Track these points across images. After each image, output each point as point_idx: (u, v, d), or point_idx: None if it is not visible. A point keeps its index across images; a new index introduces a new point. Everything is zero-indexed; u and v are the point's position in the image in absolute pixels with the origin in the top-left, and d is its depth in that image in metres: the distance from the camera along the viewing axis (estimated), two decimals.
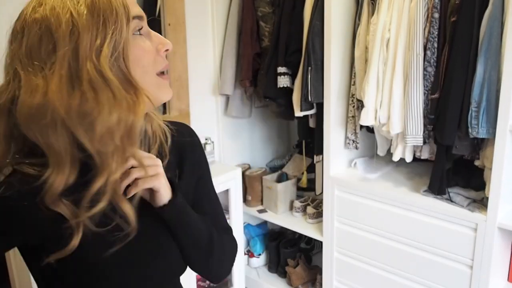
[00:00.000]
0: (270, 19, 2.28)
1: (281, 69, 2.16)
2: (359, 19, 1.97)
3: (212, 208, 0.97)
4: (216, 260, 0.93)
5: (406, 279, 1.97)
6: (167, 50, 0.79)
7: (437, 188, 1.82)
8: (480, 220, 1.72)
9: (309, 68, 2.02)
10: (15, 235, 0.76)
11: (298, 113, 2.14)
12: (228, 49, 2.39)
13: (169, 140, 0.87)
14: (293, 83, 2.17)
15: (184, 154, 0.92)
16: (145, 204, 0.81)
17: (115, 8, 0.70)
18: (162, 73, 0.79)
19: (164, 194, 0.80)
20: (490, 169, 1.66)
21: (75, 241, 0.72)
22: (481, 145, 1.75)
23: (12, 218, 0.73)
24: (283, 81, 2.16)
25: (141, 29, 0.75)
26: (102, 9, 0.69)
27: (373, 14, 1.89)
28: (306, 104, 2.10)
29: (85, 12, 0.68)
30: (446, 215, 1.80)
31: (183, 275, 0.97)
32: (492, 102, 1.61)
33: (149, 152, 0.82)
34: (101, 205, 0.72)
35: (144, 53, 0.75)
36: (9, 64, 0.72)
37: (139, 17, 0.74)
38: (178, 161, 0.90)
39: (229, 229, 1.01)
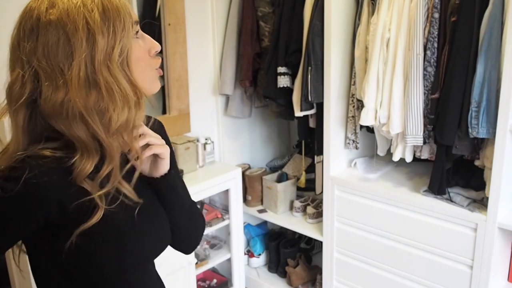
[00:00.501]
0: (270, 19, 2.28)
1: (281, 69, 2.16)
2: (359, 19, 1.97)
3: (181, 181, 1.08)
4: (194, 227, 1.05)
5: (406, 279, 1.97)
6: (156, 51, 0.87)
7: (437, 188, 1.82)
8: (480, 220, 1.72)
9: (309, 68, 2.02)
10: (40, 213, 0.79)
11: (298, 113, 2.14)
12: (228, 49, 2.39)
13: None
14: (293, 83, 2.17)
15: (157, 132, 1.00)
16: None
17: (123, 16, 0.78)
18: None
19: (168, 162, 0.92)
20: (490, 169, 1.66)
21: (100, 213, 0.80)
22: (481, 145, 1.75)
23: (39, 196, 0.77)
24: (283, 81, 2.16)
25: (137, 32, 0.83)
26: (112, 17, 0.77)
27: (373, 14, 1.89)
28: (306, 104, 2.10)
29: (98, 20, 0.76)
30: (446, 215, 1.80)
31: (181, 275, 0.99)
32: (492, 102, 1.61)
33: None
34: (110, 186, 0.81)
35: (142, 54, 0.83)
36: (26, 61, 0.77)
37: (136, 22, 0.82)
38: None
39: (195, 203, 1.12)
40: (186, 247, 1.08)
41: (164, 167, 0.92)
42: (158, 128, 0.99)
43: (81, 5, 0.75)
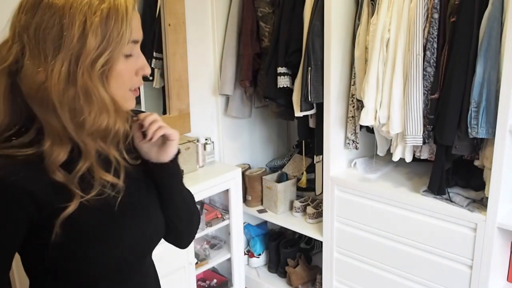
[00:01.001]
0: (270, 19, 2.28)
1: (281, 69, 2.16)
2: (359, 20, 1.97)
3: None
4: (195, 221, 1.05)
5: (406, 279, 1.98)
6: (144, 75, 0.87)
7: (436, 188, 1.82)
8: (479, 220, 1.72)
9: (309, 68, 2.02)
10: (20, 212, 0.78)
11: (298, 113, 2.15)
12: (228, 49, 2.39)
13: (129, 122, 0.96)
14: (293, 83, 2.17)
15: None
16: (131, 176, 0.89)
17: (123, 30, 0.77)
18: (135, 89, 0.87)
19: (175, 147, 0.92)
20: (490, 169, 1.66)
21: (76, 201, 0.79)
22: (481, 145, 1.75)
23: (20, 197, 0.77)
24: (283, 81, 2.17)
25: (131, 55, 0.82)
26: (111, 29, 0.76)
27: (373, 14, 1.89)
28: (306, 104, 2.10)
29: (97, 24, 0.75)
30: (445, 215, 1.80)
31: (181, 275, 0.99)
32: (492, 102, 1.62)
33: (117, 144, 0.89)
34: (97, 186, 0.81)
35: (126, 72, 0.82)
36: (17, 32, 0.77)
37: (135, 42, 0.81)
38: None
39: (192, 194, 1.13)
40: (184, 241, 1.08)
41: (173, 149, 0.92)
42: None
43: (87, 3, 0.74)
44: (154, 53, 2.23)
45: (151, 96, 2.30)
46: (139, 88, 0.88)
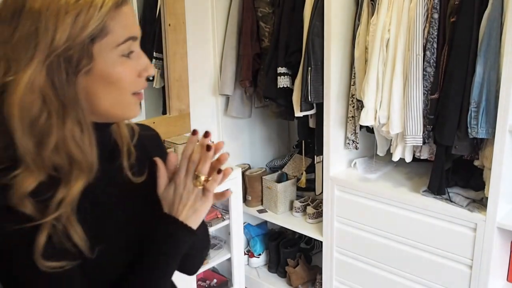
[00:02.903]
0: (270, 19, 2.28)
1: (281, 70, 2.16)
2: (359, 20, 1.97)
3: None
4: (206, 251, 1.00)
5: (406, 279, 1.98)
6: (148, 75, 0.78)
7: (436, 188, 1.82)
8: (479, 220, 1.72)
9: (309, 68, 2.03)
10: None
11: (298, 113, 2.15)
12: (228, 49, 2.39)
13: (135, 137, 0.88)
14: (293, 83, 2.17)
15: (150, 147, 0.92)
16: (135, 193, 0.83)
17: (95, 25, 0.68)
18: (138, 92, 0.79)
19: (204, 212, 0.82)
20: (490, 169, 1.66)
21: (41, 239, 0.68)
22: (481, 145, 1.75)
23: None
24: (283, 82, 2.17)
25: (131, 52, 0.74)
26: (80, 23, 0.68)
27: (372, 14, 1.89)
28: (306, 104, 2.10)
29: (68, 22, 0.67)
30: (445, 215, 1.80)
31: (181, 275, 0.98)
32: (492, 102, 1.62)
33: (119, 155, 0.83)
34: (55, 214, 0.69)
35: (126, 75, 0.74)
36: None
37: (131, 39, 0.73)
38: (144, 154, 0.89)
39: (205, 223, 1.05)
40: (192, 269, 1.01)
41: (202, 214, 0.82)
42: (154, 142, 0.94)
43: (63, 3, 0.67)
44: (154, 53, 2.23)
45: (151, 96, 2.30)
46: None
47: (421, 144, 1.84)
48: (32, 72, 0.66)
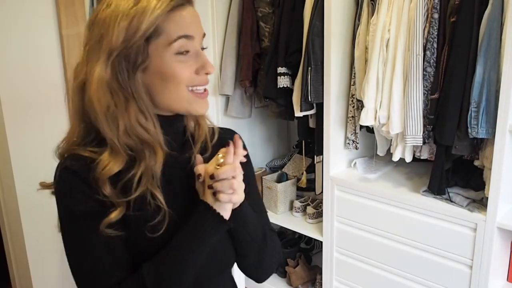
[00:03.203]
0: (270, 19, 2.28)
1: (281, 70, 2.16)
2: (359, 20, 1.97)
3: (258, 208, 1.01)
4: (268, 258, 0.98)
5: (406, 279, 1.98)
6: (207, 73, 0.86)
7: (436, 188, 1.82)
8: (479, 220, 1.72)
9: (309, 68, 2.02)
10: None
11: (298, 113, 2.15)
12: (228, 49, 2.39)
13: (216, 137, 0.97)
14: (293, 83, 2.17)
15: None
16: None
17: (142, 27, 0.78)
18: (199, 90, 0.86)
19: (238, 204, 0.87)
20: (490, 169, 1.66)
21: (113, 216, 0.81)
22: (481, 145, 1.75)
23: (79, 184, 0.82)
24: (283, 82, 2.17)
25: (187, 50, 0.83)
26: (134, 27, 0.78)
27: (373, 14, 1.89)
28: (306, 104, 2.10)
29: (124, 26, 0.79)
30: (445, 215, 1.80)
31: None
32: (492, 102, 1.62)
33: (193, 145, 0.92)
34: (138, 192, 0.82)
35: (182, 71, 0.82)
36: (83, 48, 0.84)
37: (185, 37, 0.82)
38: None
39: (274, 231, 1.05)
40: (256, 276, 1.03)
41: (228, 212, 0.87)
42: (227, 136, 0.96)
43: (121, 11, 0.79)
44: None
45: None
46: (205, 90, 0.87)
47: (421, 144, 1.84)
48: (99, 70, 0.79)
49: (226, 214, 0.85)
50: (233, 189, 0.82)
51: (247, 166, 0.91)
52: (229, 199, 0.83)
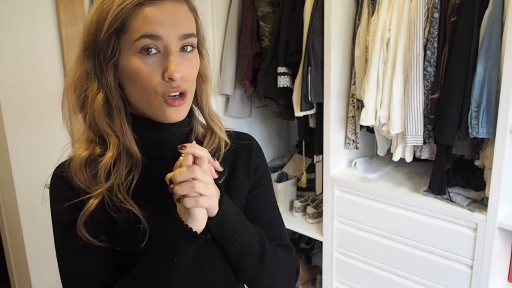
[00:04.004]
0: (270, 19, 2.28)
1: (281, 69, 2.15)
2: (359, 19, 1.97)
3: (270, 221, 0.98)
4: (268, 275, 0.88)
5: (406, 279, 1.97)
6: (170, 78, 0.78)
7: (437, 188, 1.82)
8: (480, 220, 1.72)
9: (309, 68, 2.02)
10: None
11: (298, 113, 2.14)
12: (228, 49, 2.39)
13: (228, 145, 0.92)
14: (293, 83, 2.17)
15: (240, 155, 0.94)
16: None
17: (108, 22, 0.78)
18: (171, 96, 0.79)
19: (212, 211, 0.79)
20: (490, 169, 1.66)
21: (90, 204, 0.81)
22: (481, 145, 1.75)
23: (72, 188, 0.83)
24: (283, 81, 2.16)
25: (149, 51, 0.77)
26: (103, 21, 0.79)
27: (373, 14, 1.89)
28: (306, 104, 2.10)
29: (95, 19, 0.81)
30: (446, 215, 1.80)
31: None
32: (492, 102, 1.62)
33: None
34: (108, 183, 0.83)
35: (144, 72, 0.78)
36: None
37: (149, 36, 0.76)
38: (231, 161, 0.93)
39: (289, 248, 0.98)
40: None
41: (200, 223, 0.78)
42: (246, 151, 0.94)
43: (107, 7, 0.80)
44: None
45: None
46: (182, 96, 0.80)
47: (422, 144, 1.83)
48: (79, 61, 0.83)
49: (197, 225, 0.76)
50: (198, 191, 0.73)
51: (262, 177, 0.90)
52: (195, 203, 0.74)
